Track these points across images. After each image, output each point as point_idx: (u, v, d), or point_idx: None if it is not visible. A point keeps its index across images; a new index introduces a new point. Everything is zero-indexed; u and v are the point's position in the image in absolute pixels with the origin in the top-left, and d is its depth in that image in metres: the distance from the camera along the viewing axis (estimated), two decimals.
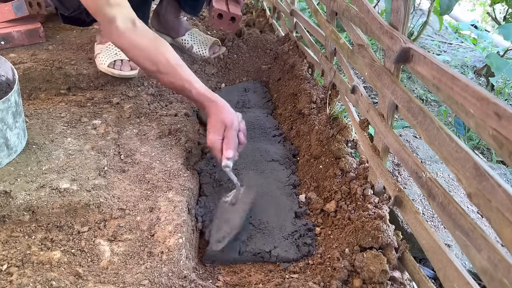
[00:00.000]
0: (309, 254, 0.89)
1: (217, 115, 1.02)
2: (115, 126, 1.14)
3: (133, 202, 0.91)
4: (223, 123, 1.01)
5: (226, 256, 0.88)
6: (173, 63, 1.03)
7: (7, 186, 0.86)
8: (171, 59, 1.03)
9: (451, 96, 0.54)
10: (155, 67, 1.01)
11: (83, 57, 1.40)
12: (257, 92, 1.57)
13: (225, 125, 1.01)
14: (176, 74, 1.03)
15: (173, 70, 1.03)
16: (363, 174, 0.94)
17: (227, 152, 0.99)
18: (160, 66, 1.01)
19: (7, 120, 0.90)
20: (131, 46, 1.00)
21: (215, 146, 1.00)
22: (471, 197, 0.51)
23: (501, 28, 1.74)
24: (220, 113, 1.02)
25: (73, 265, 0.76)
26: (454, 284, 0.59)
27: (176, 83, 1.04)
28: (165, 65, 1.02)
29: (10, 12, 1.45)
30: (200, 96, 1.04)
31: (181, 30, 1.61)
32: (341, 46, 1.09)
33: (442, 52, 2.49)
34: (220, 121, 1.01)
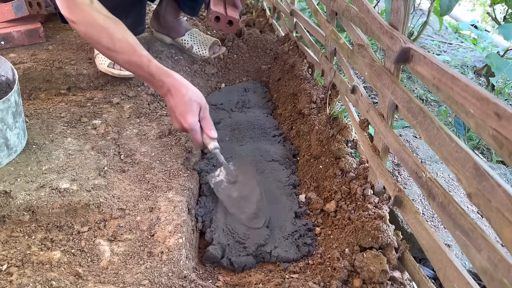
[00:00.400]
0: (309, 254, 0.89)
1: (187, 95, 0.96)
2: (115, 126, 1.14)
3: (133, 202, 0.91)
4: (197, 103, 0.97)
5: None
6: (131, 41, 0.97)
7: (7, 186, 0.86)
8: (128, 37, 0.97)
9: (451, 96, 0.54)
10: (111, 43, 0.94)
11: (83, 57, 1.40)
12: (257, 92, 1.57)
13: (200, 105, 0.98)
14: (134, 50, 0.96)
15: (131, 46, 0.96)
16: (363, 174, 0.94)
17: (212, 133, 0.98)
18: (117, 42, 0.94)
19: (7, 120, 0.91)
20: (87, 21, 0.93)
21: (196, 128, 0.96)
22: (471, 197, 0.51)
23: (501, 28, 1.74)
24: (188, 91, 0.96)
25: (73, 265, 0.76)
26: (454, 284, 0.59)
27: (132, 60, 0.96)
28: (122, 41, 0.95)
29: (10, 12, 1.45)
30: (159, 70, 0.97)
31: (181, 30, 1.61)
32: (341, 46, 1.09)
33: (442, 52, 2.49)
34: (194, 101, 0.97)
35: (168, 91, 0.97)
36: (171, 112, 0.98)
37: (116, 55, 0.96)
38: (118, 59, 0.97)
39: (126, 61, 0.97)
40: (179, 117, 0.96)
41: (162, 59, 1.49)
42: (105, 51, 0.97)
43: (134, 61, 0.96)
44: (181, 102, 0.95)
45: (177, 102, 0.96)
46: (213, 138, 0.99)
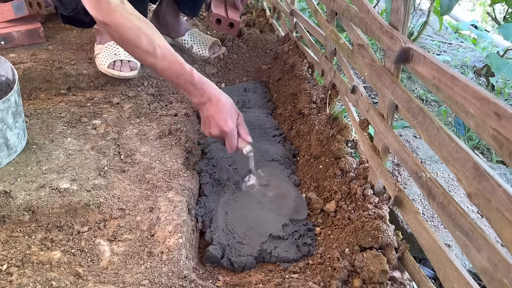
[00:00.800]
0: (309, 254, 0.89)
1: (227, 103, 1.00)
2: (115, 126, 1.14)
3: (133, 202, 0.91)
4: (236, 110, 1.02)
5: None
6: (170, 47, 0.96)
7: (7, 186, 0.86)
8: (166, 42, 0.96)
9: (451, 96, 0.54)
10: (152, 48, 0.92)
11: (83, 57, 1.40)
12: (257, 92, 1.57)
13: (238, 113, 1.02)
14: (175, 58, 0.95)
15: (171, 54, 0.95)
16: (363, 174, 0.94)
17: (248, 137, 1.03)
18: (157, 48, 0.92)
19: (7, 120, 0.91)
20: (123, 23, 0.90)
21: (235, 133, 1.00)
22: (471, 197, 0.51)
23: (501, 28, 1.74)
24: (228, 100, 1.00)
25: (73, 265, 0.76)
26: (454, 284, 0.59)
27: (173, 68, 0.95)
28: (162, 47, 0.93)
29: (10, 12, 1.45)
30: (201, 80, 0.98)
31: (181, 31, 1.61)
32: (341, 46, 1.09)
33: (442, 52, 2.49)
34: (233, 109, 1.01)
35: (208, 100, 0.99)
36: (210, 119, 0.99)
37: (155, 61, 0.93)
38: (157, 65, 0.94)
39: (166, 68, 0.95)
40: (220, 122, 0.98)
41: None
42: (143, 55, 0.93)
43: (175, 70, 0.95)
44: (222, 109, 0.98)
45: (218, 109, 0.98)
46: (249, 142, 1.03)
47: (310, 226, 0.95)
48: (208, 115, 1.00)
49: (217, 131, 0.99)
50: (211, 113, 0.99)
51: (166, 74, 0.97)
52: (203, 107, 1.00)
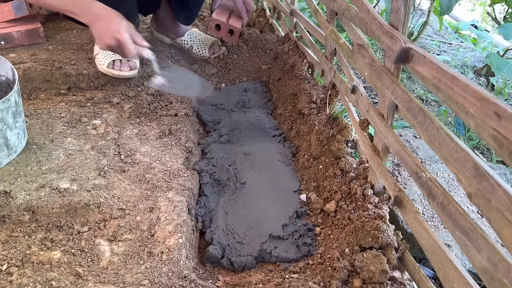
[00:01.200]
0: (309, 254, 0.89)
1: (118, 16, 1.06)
2: (115, 126, 1.14)
3: (133, 202, 0.91)
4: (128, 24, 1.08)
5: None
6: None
7: (7, 186, 0.86)
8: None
9: (451, 96, 0.54)
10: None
11: (83, 57, 1.40)
12: (257, 92, 1.57)
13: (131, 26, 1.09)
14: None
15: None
16: (363, 174, 0.94)
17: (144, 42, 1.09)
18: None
19: (7, 120, 0.91)
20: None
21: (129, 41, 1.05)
22: (471, 197, 0.51)
23: (501, 28, 1.74)
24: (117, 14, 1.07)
25: (73, 265, 0.76)
26: (454, 284, 0.59)
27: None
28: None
29: (10, 12, 1.45)
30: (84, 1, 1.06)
31: (180, 31, 1.61)
32: (341, 46, 1.09)
33: (442, 52, 2.49)
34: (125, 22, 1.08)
35: (97, 17, 1.05)
36: (102, 32, 1.04)
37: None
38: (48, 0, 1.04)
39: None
40: (114, 32, 1.03)
41: (162, 59, 1.49)
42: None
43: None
44: (113, 22, 1.04)
45: (110, 22, 1.04)
46: (146, 46, 1.09)
47: (310, 226, 0.95)
48: (100, 29, 1.05)
49: (112, 41, 1.04)
50: (103, 28, 1.04)
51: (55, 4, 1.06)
52: (93, 24, 1.06)
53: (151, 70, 1.16)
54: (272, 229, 0.94)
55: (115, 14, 1.07)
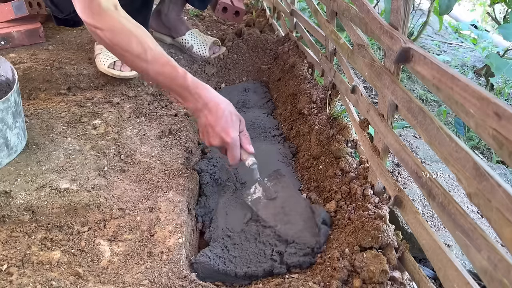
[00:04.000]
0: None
1: (227, 109, 0.91)
2: (115, 126, 1.14)
3: (133, 202, 0.91)
4: (237, 116, 0.93)
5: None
6: (162, 51, 0.90)
7: (7, 186, 0.86)
8: (157, 45, 0.90)
9: (451, 96, 0.54)
10: (142, 50, 0.86)
11: (83, 57, 1.40)
12: (257, 92, 1.57)
13: (240, 118, 0.94)
14: (167, 60, 0.89)
15: (163, 56, 0.89)
16: (363, 174, 0.94)
17: (251, 148, 0.95)
18: (148, 50, 0.87)
19: (7, 120, 0.91)
20: (115, 27, 0.86)
21: (237, 143, 0.91)
22: (471, 197, 0.51)
23: (501, 28, 1.73)
24: (228, 106, 0.92)
25: (73, 265, 0.76)
26: (454, 284, 0.59)
27: (165, 70, 0.89)
28: (153, 50, 0.88)
29: (10, 12, 1.45)
30: (195, 83, 0.90)
31: (182, 29, 1.61)
32: (341, 46, 1.09)
33: (442, 52, 2.49)
34: (235, 115, 0.92)
35: (205, 106, 0.90)
36: (209, 128, 0.91)
37: (146, 65, 0.88)
38: (149, 70, 0.88)
39: (158, 72, 0.88)
40: (221, 132, 0.89)
41: None
42: (133, 59, 0.88)
43: (167, 72, 0.88)
44: (222, 116, 0.90)
45: (218, 116, 0.90)
46: (252, 153, 0.95)
47: None
48: (206, 124, 0.91)
49: (217, 141, 0.91)
50: (209, 121, 0.90)
51: (158, 79, 0.90)
52: (199, 114, 0.92)
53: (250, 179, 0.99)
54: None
55: (227, 106, 0.92)
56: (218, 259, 0.84)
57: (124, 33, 0.86)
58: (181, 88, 0.90)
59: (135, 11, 0.98)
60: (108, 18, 0.86)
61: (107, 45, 0.89)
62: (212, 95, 0.92)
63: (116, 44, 0.87)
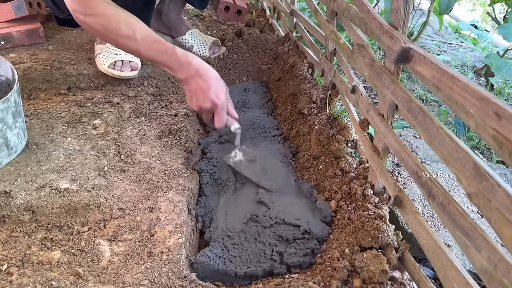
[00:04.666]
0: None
1: (215, 74, 0.98)
2: (115, 126, 1.14)
3: (133, 202, 0.91)
4: (223, 82, 1.00)
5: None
6: (150, 29, 0.97)
7: (7, 186, 0.86)
8: (146, 27, 0.97)
9: (451, 96, 0.54)
10: (131, 32, 0.93)
11: (83, 57, 1.40)
12: (257, 92, 1.57)
13: (225, 85, 1.01)
14: (156, 37, 0.97)
15: (151, 34, 0.96)
16: (363, 174, 0.94)
17: (235, 113, 1.02)
18: (137, 30, 0.94)
19: (7, 120, 0.91)
20: (105, 13, 0.93)
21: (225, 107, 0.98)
22: (471, 197, 0.51)
23: (501, 28, 1.73)
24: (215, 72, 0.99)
25: (73, 265, 0.76)
26: (454, 284, 0.59)
27: (155, 46, 0.96)
28: (142, 30, 0.95)
29: (10, 12, 1.45)
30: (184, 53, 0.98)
31: (182, 29, 1.61)
32: (341, 46, 1.09)
33: (442, 52, 2.49)
34: (221, 81, 0.99)
35: (195, 73, 0.97)
36: (199, 92, 0.97)
37: (136, 44, 0.94)
38: (140, 47, 0.95)
39: (149, 49, 0.95)
40: (212, 95, 0.96)
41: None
42: (124, 41, 0.95)
43: (157, 47, 0.95)
44: (212, 82, 0.96)
45: (209, 81, 0.96)
46: (236, 118, 1.03)
47: None
48: (197, 88, 0.97)
49: (208, 104, 0.97)
50: (200, 85, 0.97)
51: (149, 55, 0.97)
52: (190, 81, 0.98)
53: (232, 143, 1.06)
54: None
55: (214, 73, 1.00)
56: (218, 259, 0.84)
57: (113, 17, 0.93)
58: (172, 59, 0.97)
59: (137, 11, 1.01)
60: (98, 5, 0.92)
61: (98, 32, 0.96)
62: (201, 62, 0.99)
63: (107, 29, 0.94)
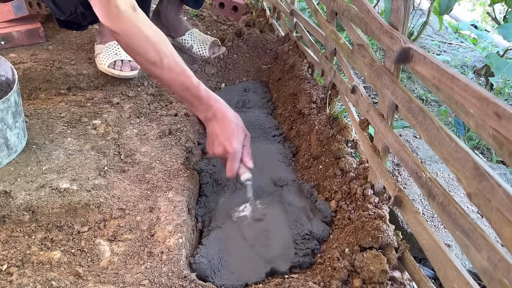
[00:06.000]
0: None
1: (234, 121, 0.94)
2: (115, 126, 1.14)
3: (133, 202, 0.91)
4: (244, 130, 0.95)
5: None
6: (178, 59, 0.92)
7: (7, 186, 0.86)
8: (174, 53, 0.92)
9: (451, 96, 0.54)
10: (158, 58, 0.88)
11: (83, 57, 1.40)
12: (257, 92, 1.57)
13: (245, 133, 0.96)
14: (183, 70, 0.91)
15: (179, 65, 0.91)
16: (363, 174, 0.94)
17: (250, 163, 0.95)
18: (164, 59, 0.88)
19: (7, 120, 0.91)
20: (132, 32, 0.86)
21: (237, 156, 0.92)
22: (471, 197, 0.51)
23: (501, 28, 1.73)
24: (235, 118, 0.94)
25: (73, 265, 0.76)
26: (454, 284, 0.59)
27: (179, 79, 0.91)
28: (169, 58, 0.89)
29: (10, 12, 1.45)
30: (208, 94, 0.93)
31: (182, 30, 1.61)
32: (341, 46, 1.09)
33: (442, 52, 2.49)
34: (241, 128, 0.94)
35: (213, 116, 0.93)
36: (214, 136, 0.93)
37: (161, 72, 0.89)
38: (163, 77, 0.90)
39: (173, 80, 0.91)
40: (225, 141, 0.91)
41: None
42: (149, 66, 0.90)
43: (181, 82, 0.91)
44: (228, 127, 0.92)
45: (224, 127, 0.92)
46: (250, 168, 0.96)
47: None
48: (212, 133, 0.94)
49: (220, 150, 0.93)
50: (215, 130, 0.93)
51: (172, 87, 0.92)
52: (208, 124, 0.95)
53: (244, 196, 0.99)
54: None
55: (234, 117, 0.94)
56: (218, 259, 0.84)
57: (141, 39, 0.87)
58: (193, 97, 0.92)
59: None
60: (125, 23, 0.86)
61: (124, 49, 0.91)
62: (222, 107, 0.94)
63: (132, 49, 0.88)
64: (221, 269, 0.83)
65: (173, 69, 0.90)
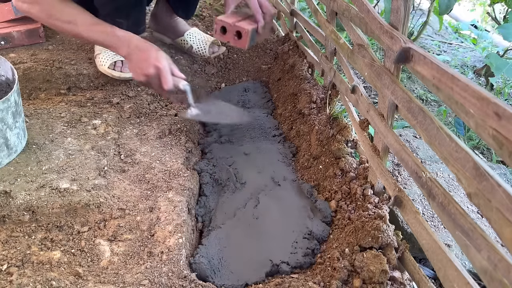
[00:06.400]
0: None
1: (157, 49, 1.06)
2: (115, 126, 1.14)
3: (133, 202, 0.91)
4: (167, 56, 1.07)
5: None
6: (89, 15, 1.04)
7: (7, 186, 0.86)
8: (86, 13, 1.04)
9: (451, 96, 0.54)
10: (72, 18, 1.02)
11: (83, 57, 1.40)
12: (257, 92, 1.57)
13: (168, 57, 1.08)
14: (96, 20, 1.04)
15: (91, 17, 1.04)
16: (363, 174, 0.94)
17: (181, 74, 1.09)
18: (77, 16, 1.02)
19: (7, 120, 0.91)
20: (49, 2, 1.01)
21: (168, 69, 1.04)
22: (471, 197, 0.51)
23: (501, 28, 1.73)
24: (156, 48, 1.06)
25: (73, 265, 0.76)
26: (454, 284, 0.59)
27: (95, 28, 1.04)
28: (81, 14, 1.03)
29: (10, 12, 1.45)
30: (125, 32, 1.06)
31: (179, 31, 1.61)
32: (341, 46, 1.09)
33: (442, 52, 2.49)
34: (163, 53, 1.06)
35: (136, 47, 1.04)
36: (142, 62, 1.03)
37: (77, 28, 1.02)
38: (81, 31, 1.03)
39: (89, 30, 1.03)
40: (154, 61, 1.02)
41: None
42: (65, 26, 1.03)
43: (97, 29, 1.03)
44: (152, 51, 1.04)
45: (149, 52, 1.03)
46: (183, 77, 1.08)
47: None
48: (138, 59, 1.04)
49: (151, 70, 1.02)
50: (141, 56, 1.03)
51: (91, 36, 1.04)
52: (132, 55, 1.04)
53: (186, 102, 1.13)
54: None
55: (153, 46, 1.07)
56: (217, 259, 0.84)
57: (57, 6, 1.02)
58: (113, 38, 1.05)
59: (130, 8, 1.09)
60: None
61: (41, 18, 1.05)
62: (142, 41, 1.06)
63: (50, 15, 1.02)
64: (221, 269, 0.83)
65: (86, 21, 1.03)
